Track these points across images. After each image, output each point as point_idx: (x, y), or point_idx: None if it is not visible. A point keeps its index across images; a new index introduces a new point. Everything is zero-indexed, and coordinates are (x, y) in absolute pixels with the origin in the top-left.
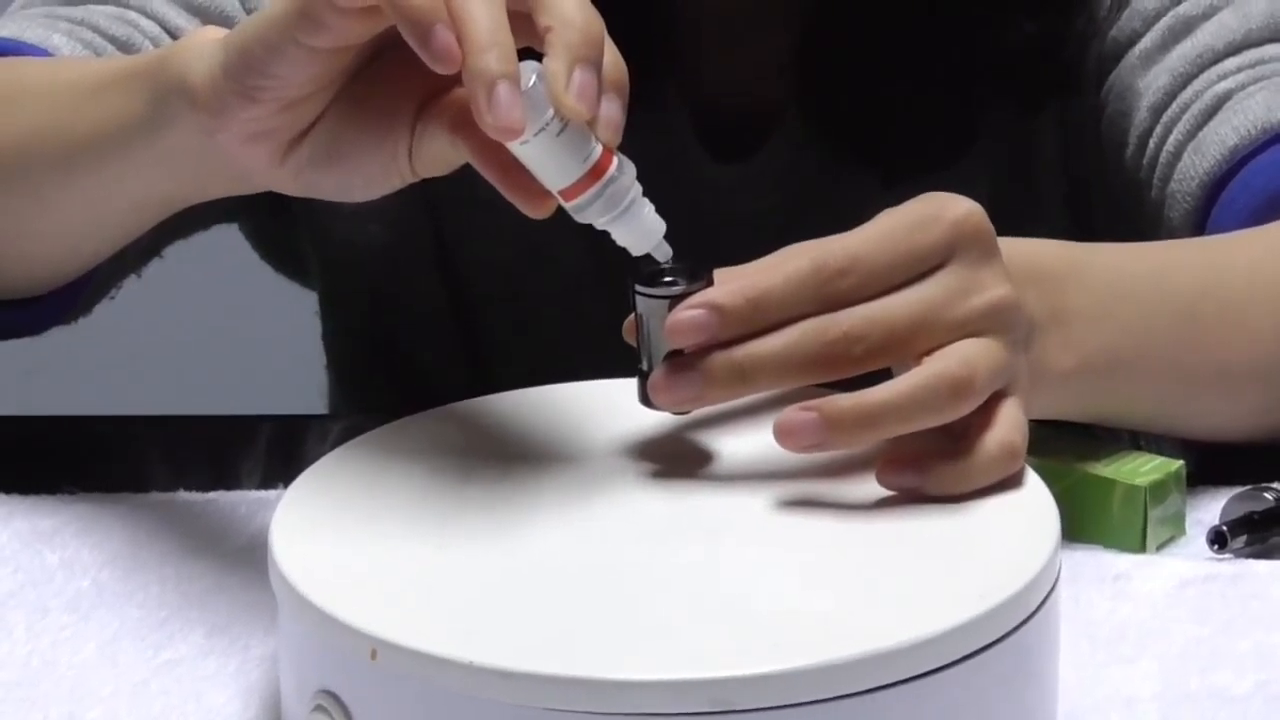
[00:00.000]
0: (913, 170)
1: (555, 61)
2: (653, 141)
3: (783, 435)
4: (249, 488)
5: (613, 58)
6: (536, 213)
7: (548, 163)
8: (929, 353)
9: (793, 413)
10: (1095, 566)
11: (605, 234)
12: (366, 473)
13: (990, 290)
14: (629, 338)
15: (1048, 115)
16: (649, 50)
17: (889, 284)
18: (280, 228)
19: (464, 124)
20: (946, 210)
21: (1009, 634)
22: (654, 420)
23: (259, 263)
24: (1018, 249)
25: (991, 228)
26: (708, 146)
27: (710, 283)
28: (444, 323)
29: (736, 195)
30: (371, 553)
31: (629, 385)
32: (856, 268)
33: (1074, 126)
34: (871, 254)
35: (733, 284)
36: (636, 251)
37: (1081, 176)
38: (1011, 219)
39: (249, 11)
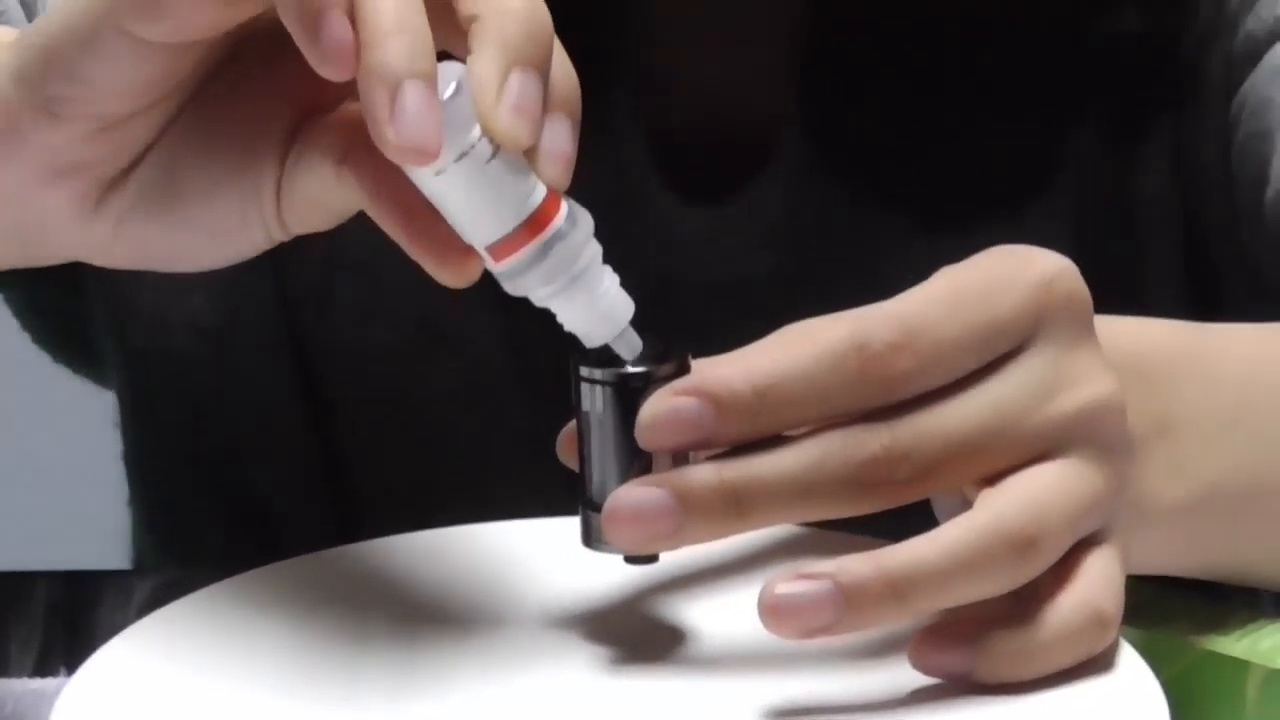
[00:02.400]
0: (964, 216)
1: (485, 63)
2: (594, 177)
3: (777, 616)
4: (19, 674)
5: (562, 65)
6: (454, 278)
7: (471, 205)
8: (993, 479)
9: (788, 584)
10: None
11: (527, 314)
12: (184, 652)
13: (1086, 386)
14: (565, 455)
15: (1154, 140)
16: (589, 51)
17: (956, 371)
18: (61, 296)
19: (355, 151)
20: (1029, 267)
21: None
22: (601, 575)
23: (31, 348)
24: (1115, 331)
25: (1088, 295)
26: (672, 183)
27: (686, 369)
28: (295, 436)
29: (713, 253)
30: None
31: (565, 525)
32: (913, 345)
33: (1191, 156)
34: (933, 326)
35: (732, 366)
36: (592, 341)
37: (1201, 227)
38: (1102, 287)
39: (31, 19)
